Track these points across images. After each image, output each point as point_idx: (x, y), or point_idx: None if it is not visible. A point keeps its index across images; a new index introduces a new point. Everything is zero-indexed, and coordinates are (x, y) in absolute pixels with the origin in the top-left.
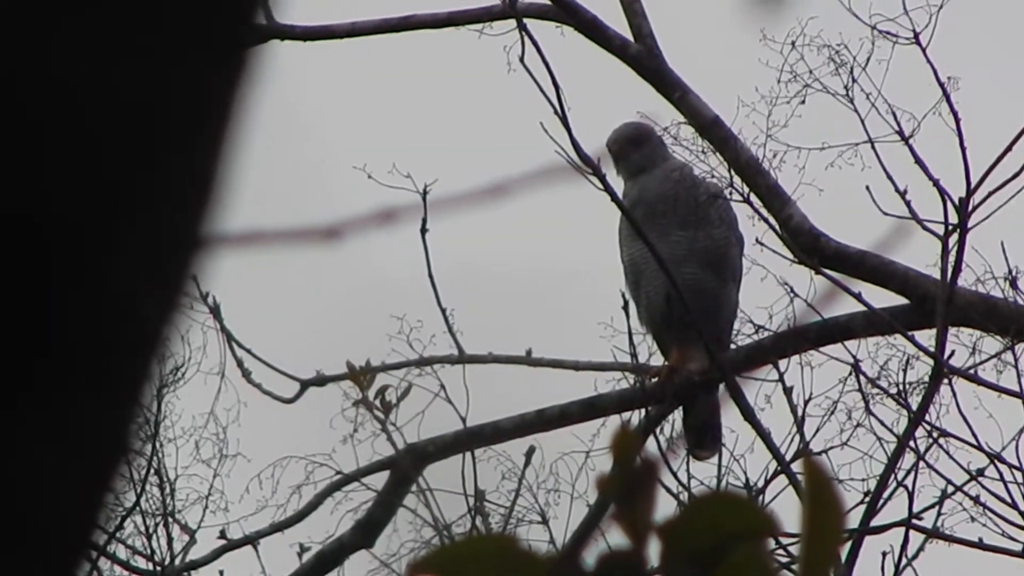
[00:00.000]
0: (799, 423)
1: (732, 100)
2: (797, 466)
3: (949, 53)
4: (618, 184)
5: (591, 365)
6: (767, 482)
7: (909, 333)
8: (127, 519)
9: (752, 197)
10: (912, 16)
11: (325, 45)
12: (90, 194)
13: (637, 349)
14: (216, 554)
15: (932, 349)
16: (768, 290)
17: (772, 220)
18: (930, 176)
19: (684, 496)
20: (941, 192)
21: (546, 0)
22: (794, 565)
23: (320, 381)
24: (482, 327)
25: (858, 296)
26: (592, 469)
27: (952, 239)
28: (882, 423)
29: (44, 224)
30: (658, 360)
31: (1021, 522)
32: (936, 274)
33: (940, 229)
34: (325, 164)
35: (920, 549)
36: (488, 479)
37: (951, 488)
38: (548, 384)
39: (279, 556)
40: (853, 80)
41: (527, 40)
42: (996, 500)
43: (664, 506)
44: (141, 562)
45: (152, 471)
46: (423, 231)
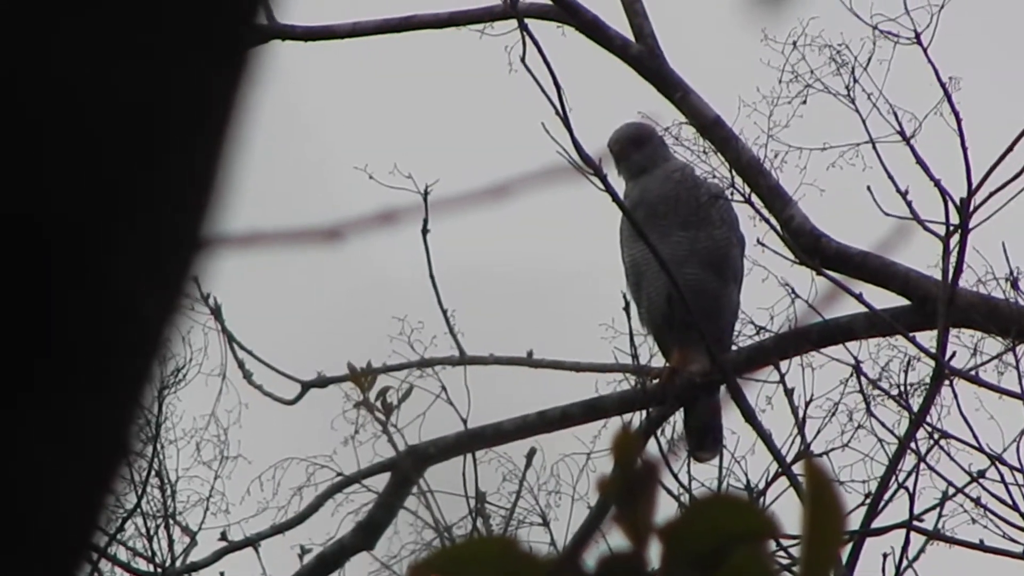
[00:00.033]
0: (800, 424)
1: (733, 100)
2: (798, 468)
3: (950, 53)
4: (619, 185)
5: (592, 366)
6: (768, 484)
7: (910, 334)
8: (128, 521)
9: (753, 198)
10: (913, 16)
11: (326, 45)
12: (90, 194)
13: (638, 350)
14: (217, 556)
15: (933, 350)
16: (769, 291)
17: (773, 221)
18: (931, 176)
19: (685, 498)
20: (942, 192)
21: (547, 0)
22: (795, 567)
23: (321, 383)
24: (483, 328)
25: (859, 297)
26: (593, 471)
27: (953, 240)
28: (883, 424)
29: (44, 224)
30: (659, 361)
31: (1022, 524)
32: (937, 275)
33: (941, 230)
34: (326, 165)
35: (921, 551)
36: (489, 481)
37: (952, 490)
38: (549, 385)
39: (280, 558)
40: (854, 80)
41: (528, 40)
42: (997, 502)
43: (665, 508)
44: (142, 564)
45: (153, 473)
46: (424, 232)
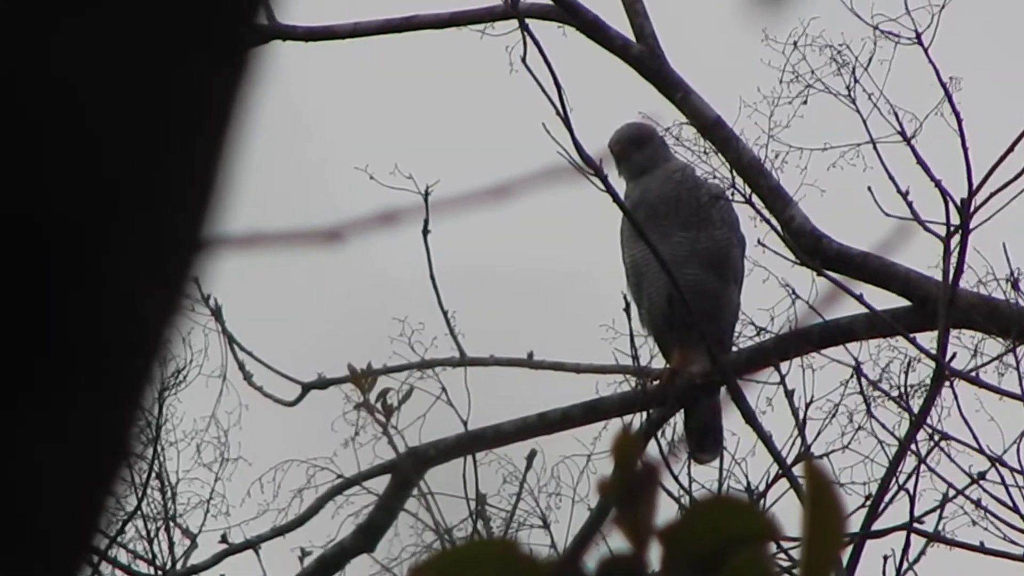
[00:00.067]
0: (800, 426)
1: (734, 101)
2: (798, 469)
3: (951, 53)
4: (620, 185)
5: (592, 368)
6: (768, 485)
7: (911, 335)
8: (128, 523)
9: (754, 198)
10: (914, 16)
11: (327, 46)
12: (90, 194)
13: (639, 351)
14: (217, 558)
15: (934, 351)
16: (770, 292)
17: (774, 221)
18: (932, 177)
19: (685, 500)
20: (943, 193)
21: (548, 0)
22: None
23: (321, 384)
24: (484, 329)
25: (860, 298)
26: (593, 472)
27: (954, 240)
28: (883, 426)
29: (44, 224)
30: (659, 363)
31: (1023, 526)
32: (938, 276)
33: (942, 230)
34: (327, 165)
35: (921, 553)
36: (489, 483)
37: (952, 491)
38: (549, 387)
39: (280, 560)
40: (855, 80)
41: (529, 40)
42: (998, 504)
43: (665, 510)
44: (142, 566)
45: (153, 475)
46: (425, 232)
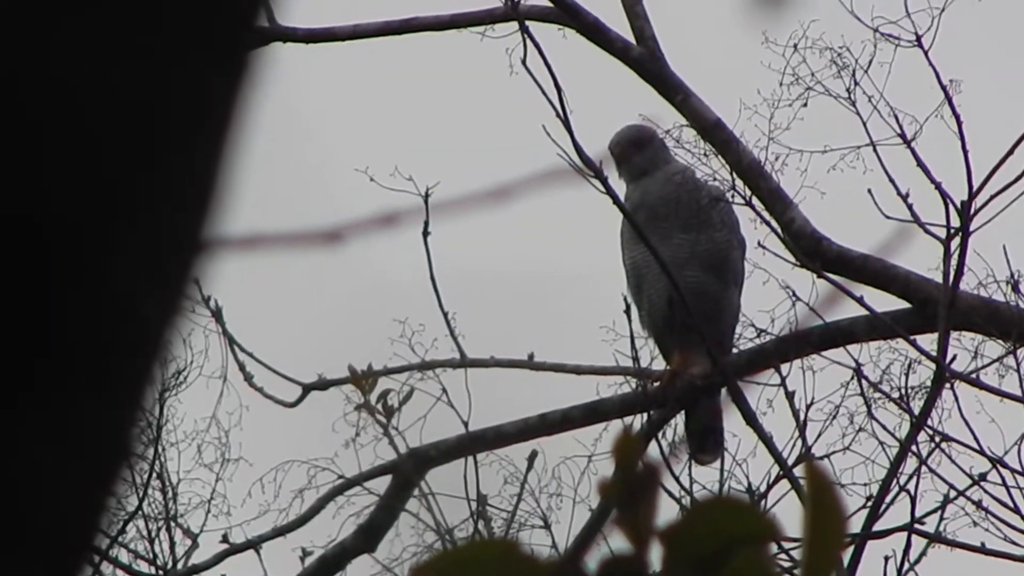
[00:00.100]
0: (801, 427)
1: (734, 103)
2: (799, 470)
3: (951, 56)
4: (620, 187)
5: (593, 369)
6: (769, 487)
7: (911, 337)
8: (129, 523)
9: (754, 200)
10: (914, 19)
11: (327, 47)
12: (90, 194)
13: (639, 353)
14: (218, 558)
15: (934, 353)
16: (770, 294)
17: (774, 223)
18: (932, 179)
19: (686, 501)
20: (943, 195)
21: (548, 3)
22: (796, 569)
23: (322, 385)
24: (484, 331)
25: (860, 300)
26: (594, 473)
27: (954, 242)
28: (884, 427)
29: (44, 224)
30: (660, 364)
31: (1023, 526)
32: (938, 278)
33: (942, 232)
34: (327, 167)
35: (922, 554)
36: (490, 483)
37: (953, 493)
38: (550, 388)
39: (282, 560)
40: (855, 83)
41: (529, 43)
42: (998, 505)
43: (666, 510)
44: (143, 566)
45: (154, 475)
46: (425, 234)
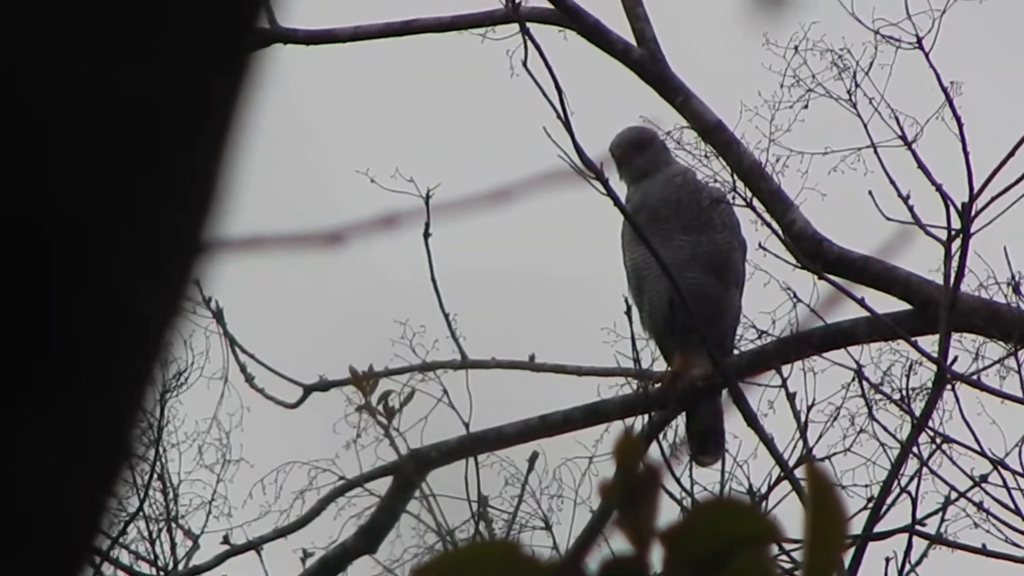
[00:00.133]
0: (802, 429)
1: (735, 104)
2: (800, 472)
3: (952, 58)
4: (621, 189)
5: (594, 370)
6: (770, 488)
7: (912, 339)
8: (130, 524)
9: (755, 202)
10: (915, 21)
11: (328, 49)
12: (90, 194)
13: (640, 354)
14: (219, 559)
15: (935, 355)
16: (771, 295)
17: (775, 225)
18: (933, 181)
19: (687, 502)
20: (944, 197)
21: (549, 4)
22: (797, 571)
23: (323, 386)
24: (485, 332)
25: (861, 301)
26: (595, 475)
27: (955, 244)
28: (885, 429)
29: (44, 224)
30: (661, 366)
31: None
32: (939, 279)
33: (943, 234)
34: (328, 168)
35: (923, 555)
36: (491, 485)
37: (954, 494)
38: (551, 389)
39: (283, 561)
40: (856, 85)
41: (530, 44)
42: (999, 506)
43: (667, 512)
44: (144, 567)
45: (155, 476)
46: (426, 236)
